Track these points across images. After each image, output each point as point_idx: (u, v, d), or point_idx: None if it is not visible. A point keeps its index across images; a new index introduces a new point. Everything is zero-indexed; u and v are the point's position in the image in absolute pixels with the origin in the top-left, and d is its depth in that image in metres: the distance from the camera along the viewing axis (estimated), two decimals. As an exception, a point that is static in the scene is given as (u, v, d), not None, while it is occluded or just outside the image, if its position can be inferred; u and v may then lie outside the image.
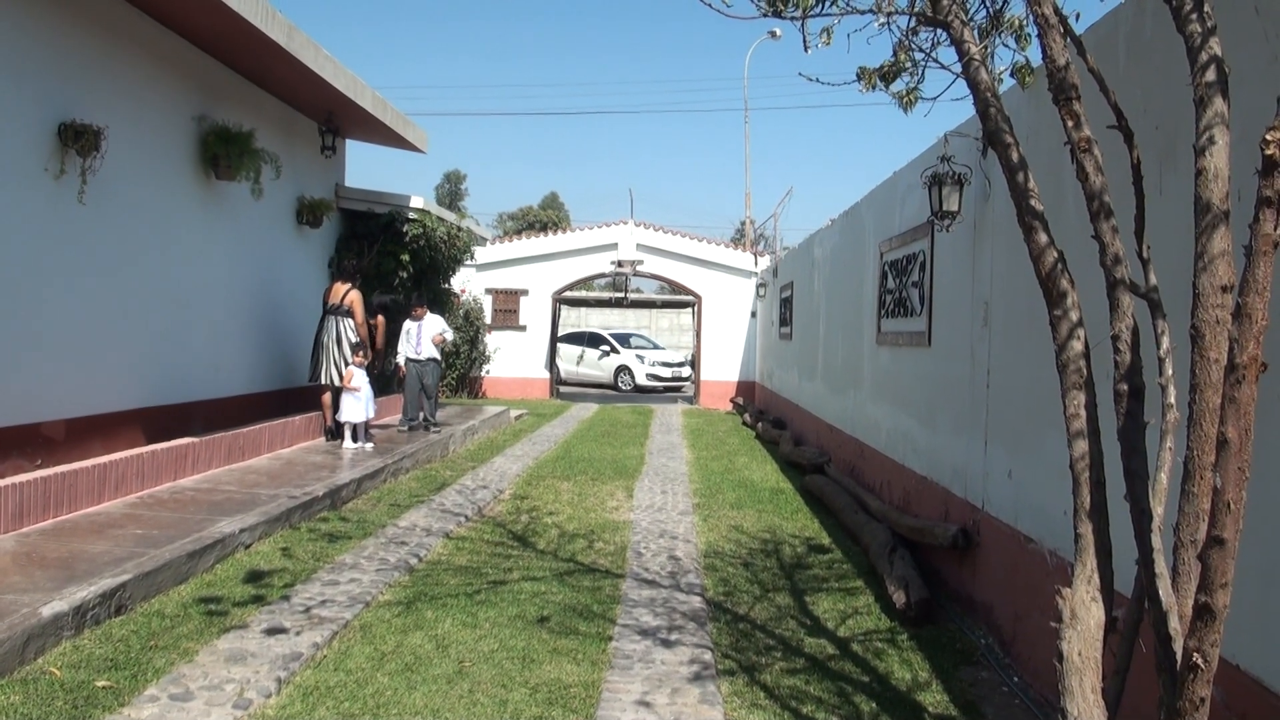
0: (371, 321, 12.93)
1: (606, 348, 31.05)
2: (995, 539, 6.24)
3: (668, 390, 30.12)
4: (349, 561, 7.15)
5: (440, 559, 7.46)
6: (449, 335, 14.75)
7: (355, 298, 12.39)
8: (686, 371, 30.57)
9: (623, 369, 30.36)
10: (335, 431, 12.36)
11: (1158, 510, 2.67)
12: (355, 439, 12.01)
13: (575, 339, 31.80)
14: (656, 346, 33.67)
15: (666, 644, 5.64)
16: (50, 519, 7.23)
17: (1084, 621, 2.78)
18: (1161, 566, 2.58)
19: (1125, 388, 2.83)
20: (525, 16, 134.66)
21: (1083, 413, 2.99)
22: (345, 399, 12.00)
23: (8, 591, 5.36)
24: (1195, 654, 2.31)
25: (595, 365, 30.60)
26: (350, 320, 12.25)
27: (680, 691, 4.90)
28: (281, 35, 10.02)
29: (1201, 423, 2.44)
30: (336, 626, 5.62)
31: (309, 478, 9.57)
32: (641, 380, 29.88)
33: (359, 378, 12.05)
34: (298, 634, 5.44)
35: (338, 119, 13.66)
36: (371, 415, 12.27)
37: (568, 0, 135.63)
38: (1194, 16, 2.66)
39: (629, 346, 31.67)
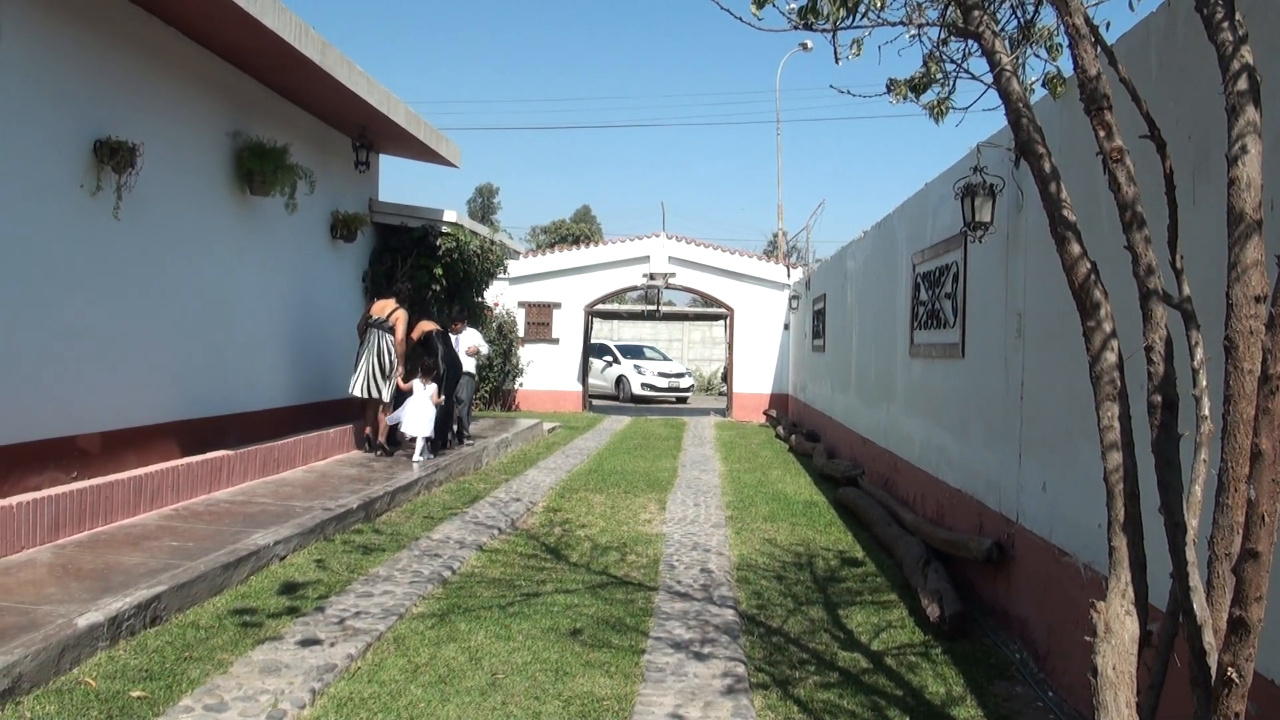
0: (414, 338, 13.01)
1: (610, 358, 31.60)
2: (1029, 552, 6.19)
3: (665, 400, 30.80)
4: (383, 573, 7.19)
5: (474, 571, 7.49)
6: (484, 349, 14.88)
7: (401, 316, 12.53)
8: (686, 382, 31.34)
9: (621, 379, 30.97)
10: (373, 442, 12.51)
11: (1192, 523, 2.65)
12: (422, 452, 12.15)
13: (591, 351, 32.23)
14: (665, 358, 34.20)
15: (699, 657, 5.63)
16: (86, 531, 7.32)
17: (1118, 635, 2.76)
18: (1196, 580, 2.56)
19: (1159, 399, 2.82)
20: (557, 31, 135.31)
21: (1117, 425, 2.97)
22: (410, 412, 12.17)
23: (44, 602, 5.43)
24: (1230, 668, 2.29)
25: (599, 376, 30.95)
26: (391, 337, 12.36)
27: (713, 705, 4.90)
28: (315, 52, 10.13)
29: (1235, 434, 2.43)
30: (370, 638, 5.65)
31: (343, 490, 9.63)
32: (636, 390, 30.53)
33: (421, 391, 12.22)
34: (332, 645, 5.48)
35: (371, 134, 13.78)
36: (433, 433, 12.42)
37: (598, 15, 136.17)
38: (1225, 25, 2.65)
39: (641, 357, 32.38)
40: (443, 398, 12.61)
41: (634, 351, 33.14)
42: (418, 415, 12.18)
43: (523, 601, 6.64)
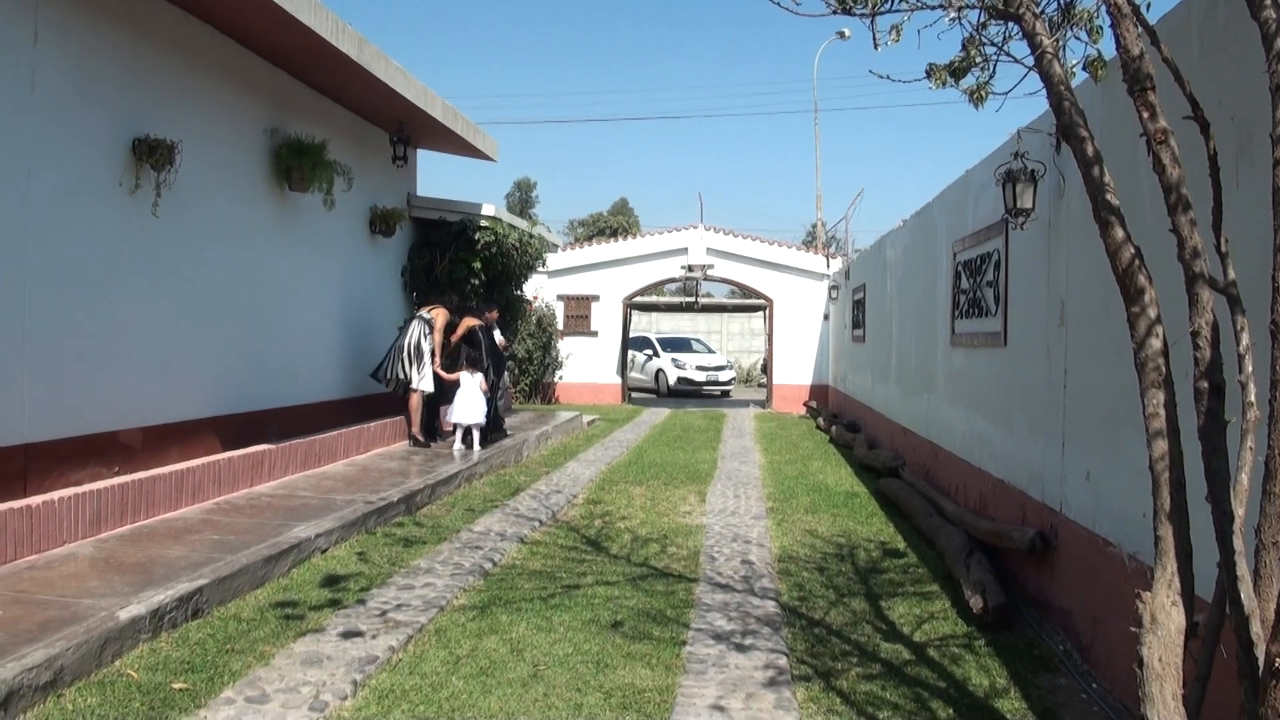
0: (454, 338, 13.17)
1: (650, 351, 31.42)
2: (1073, 542, 6.13)
3: (708, 394, 30.36)
4: (424, 566, 7.23)
5: (514, 563, 7.51)
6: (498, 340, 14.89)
7: (442, 313, 12.88)
8: (726, 375, 30.84)
9: (660, 372, 30.79)
10: (424, 438, 12.72)
11: (1239, 511, 2.61)
12: (471, 443, 12.45)
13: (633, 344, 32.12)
14: (709, 350, 33.85)
15: (740, 649, 5.62)
16: (128, 525, 7.42)
17: (1164, 627, 2.72)
18: (1243, 569, 2.52)
19: (1205, 385, 2.77)
20: (593, 26, 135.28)
21: (1162, 412, 2.93)
22: (463, 402, 12.48)
23: (86, 596, 5.51)
24: (1278, 659, 2.25)
25: (640, 369, 30.93)
26: (428, 328, 12.54)
27: (755, 696, 4.89)
28: (352, 48, 10.19)
29: (1283, 420, 2.38)
30: (412, 630, 5.68)
31: (384, 483, 9.70)
32: (672, 383, 30.24)
33: (469, 382, 12.50)
34: (373, 637, 5.52)
35: (408, 129, 13.84)
36: (483, 421, 12.64)
37: (636, 7, 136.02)
38: (1269, 3, 2.60)
39: (685, 350, 32.02)
40: (486, 387, 12.77)
41: (679, 345, 32.82)
42: (467, 404, 12.46)
43: (564, 593, 6.66)
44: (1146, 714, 2.63)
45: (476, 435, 12.45)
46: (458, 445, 12.31)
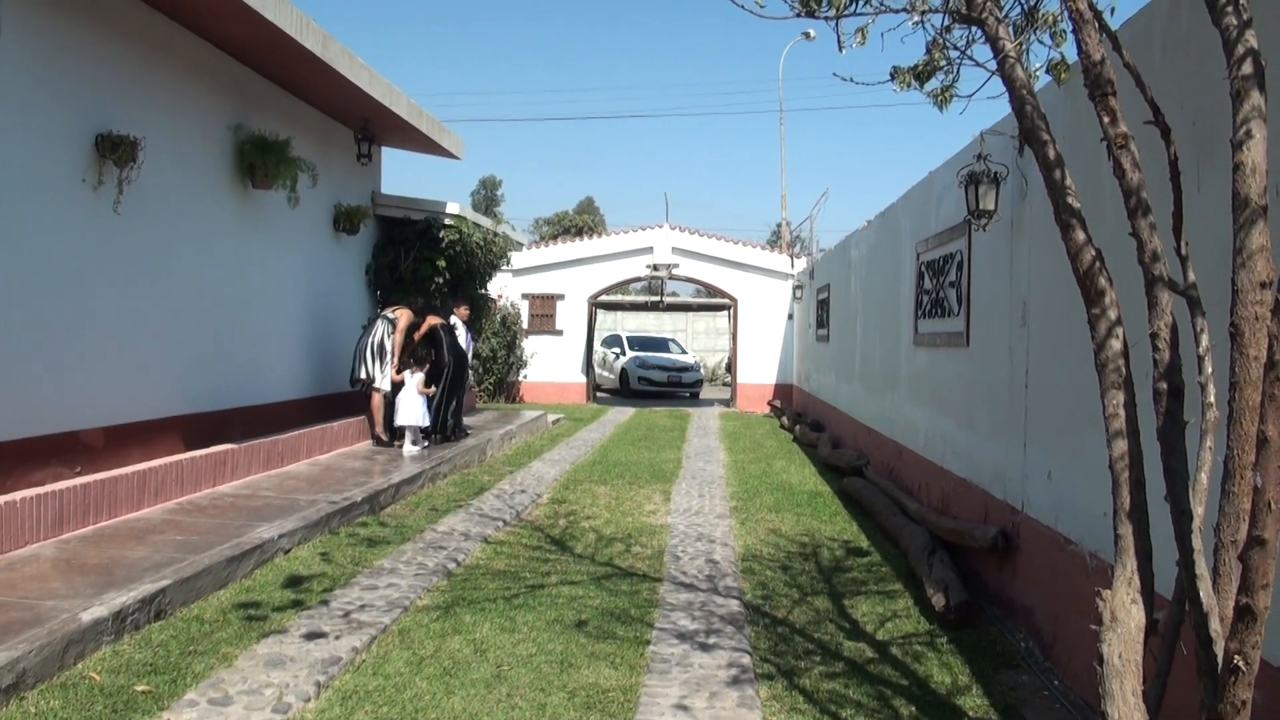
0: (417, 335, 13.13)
1: (618, 350, 30.92)
2: (1035, 541, 6.19)
3: (676, 393, 29.52)
4: (387, 566, 7.20)
5: (478, 563, 7.49)
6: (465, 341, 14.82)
7: (405, 314, 12.88)
8: (692, 376, 29.72)
9: (624, 371, 29.94)
10: (387, 437, 12.67)
11: (1198, 510, 2.64)
12: (415, 442, 12.35)
13: (605, 343, 31.79)
14: (683, 351, 33.09)
15: (704, 648, 5.63)
16: (90, 525, 7.33)
17: (1124, 624, 2.75)
18: (1202, 568, 2.55)
19: (1164, 386, 2.81)
20: (558, 23, 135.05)
21: (1122, 412, 2.96)
22: (402, 403, 12.37)
23: (48, 597, 5.44)
24: (1236, 656, 2.28)
25: (606, 367, 30.51)
26: (391, 327, 12.56)
27: (719, 695, 4.90)
28: (316, 44, 10.11)
29: (1241, 421, 2.42)
30: (375, 631, 5.66)
31: (348, 483, 9.64)
32: (634, 384, 29.28)
33: (413, 382, 12.42)
34: (336, 638, 5.49)
35: (373, 126, 13.76)
36: (427, 422, 12.56)
37: (600, 6, 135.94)
38: (1230, 9, 2.63)
39: (660, 350, 31.28)
40: (432, 388, 12.76)
41: (656, 344, 32.02)
42: (408, 405, 12.39)
43: (528, 593, 6.64)
44: (1107, 710, 2.65)
45: (409, 436, 12.38)
46: (406, 447, 12.25)
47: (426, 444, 12.58)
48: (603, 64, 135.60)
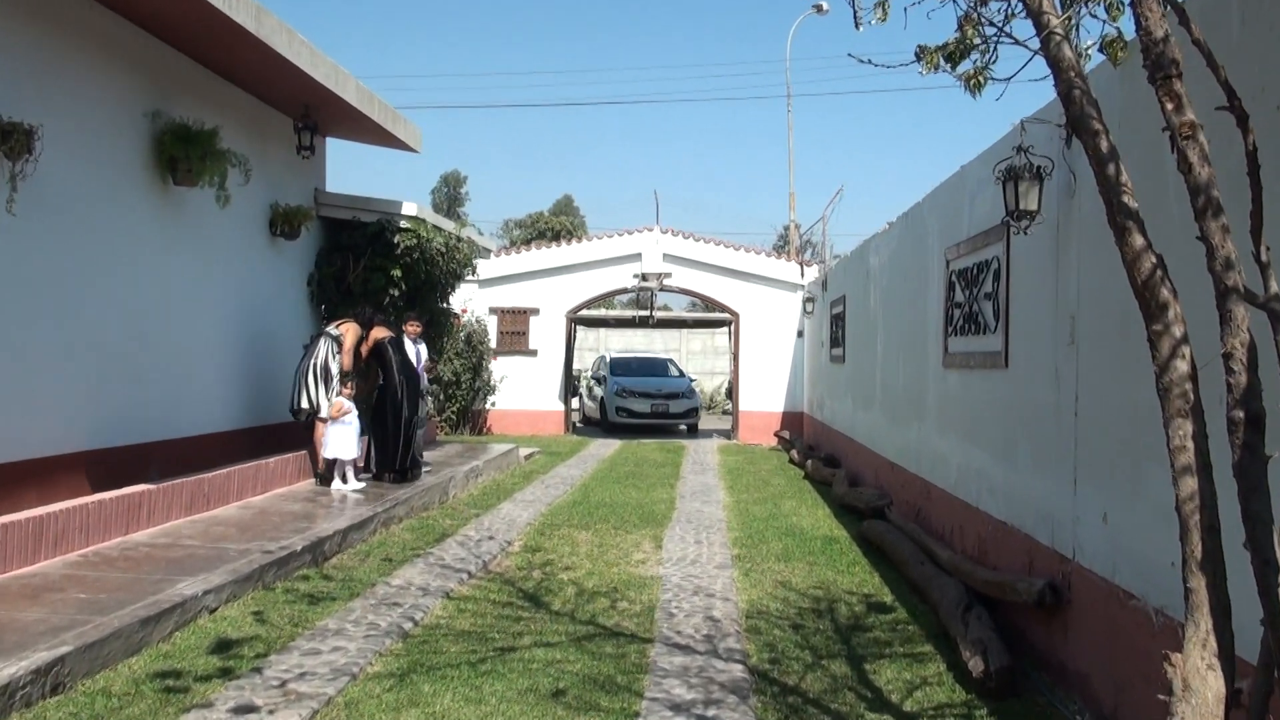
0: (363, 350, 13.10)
1: (605, 374, 30.12)
2: (1089, 595, 6.16)
3: (672, 426, 28.44)
4: (333, 627, 7.15)
5: (439, 623, 7.45)
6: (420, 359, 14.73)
7: (353, 329, 12.90)
8: (682, 405, 28.36)
9: (602, 400, 28.86)
10: (328, 475, 12.56)
11: (1284, 560, 2.61)
12: (345, 479, 12.25)
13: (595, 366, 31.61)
14: (680, 374, 31.95)
15: (703, 722, 5.59)
16: (-24, 582, 7.26)
17: (1200, 694, 2.72)
18: (1291, 627, 2.52)
19: (1241, 415, 2.78)
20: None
21: (1190, 445, 2.94)
22: (332, 434, 12.29)
23: (-71, 668, 5.37)
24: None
25: (589, 395, 30.43)
26: (337, 346, 12.52)
27: (719, 778, 4.86)
28: (248, 18, 10.10)
29: (1334, 456, 2.39)
30: (317, 704, 5.60)
31: (286, 529, 9.59)
32: (612, 416, 27.89)
33: (348, 410, 12.32)
34: (271, 713, 5.43)
35: (316, 114, 13.76)
36: (359, 454, 12.45)
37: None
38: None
39: (659, 374, 30.36)
40: (348, 407, 12.52)
41: (648, 368, 30.64)
42: (338, 436, 12.35)
43: (496, 657, 6.60)
44: (1179, 797, 2.62)
45: (339, 472, 12.37)
46: (337, 484, 12.25)
47: (363, 483, 12.49)
48: (583, 43, 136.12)
